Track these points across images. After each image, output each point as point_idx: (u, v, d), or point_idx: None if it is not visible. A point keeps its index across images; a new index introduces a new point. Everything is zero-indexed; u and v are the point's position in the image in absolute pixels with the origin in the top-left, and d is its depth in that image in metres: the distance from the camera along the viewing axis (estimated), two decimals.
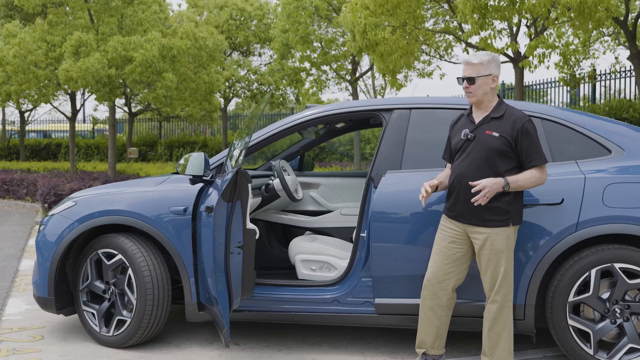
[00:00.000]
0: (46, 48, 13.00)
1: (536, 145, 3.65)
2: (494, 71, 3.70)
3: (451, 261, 3.81)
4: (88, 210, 4.49)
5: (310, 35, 14.79)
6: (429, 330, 3.89)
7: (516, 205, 3.70)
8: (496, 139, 3.66)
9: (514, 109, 3.76)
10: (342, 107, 4.51)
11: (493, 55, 3.73)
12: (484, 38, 9.88)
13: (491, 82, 3.70)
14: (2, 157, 24.68)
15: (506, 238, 3.67)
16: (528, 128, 3.65)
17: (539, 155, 3.65)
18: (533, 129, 3.68)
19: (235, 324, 4.88)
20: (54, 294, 4.51)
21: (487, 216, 3.67)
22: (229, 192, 3.78)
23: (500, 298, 3.72)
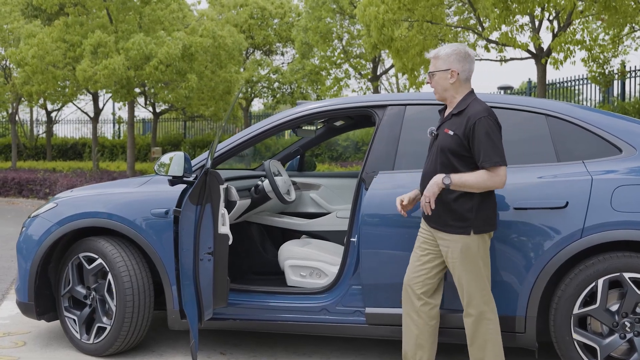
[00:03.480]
0: (65, 48, 12.99)
1: (487, 144, 3.26)
2: (454, 65, 3.40)
3: (420, 263, 3.54)
4: (68, 212, 4.31)
5: (331, 32, 14.53)
6: (409, 339, 3.61)
7: (480, 212, 3.35)
8: (450, 138, 3.36)
9: (478, 104, 3.37)
10: (333, 104, 4.25)
11: (456, 48, 3.44)
12: (504, 33, 9.55)
13: (449, 77, 3.41)
14: (30, 156, 24.93)
15: (466, 247, 3.35)
16: (480, 125, 3.27)
17: (488, 155, 3.25)
18: (489, 126, 3.28)
19: (223, 332, 4.66)
20: (35, 299, 4.34)
21: (448, 220, 3.39)
22: (197, 195, 3.55)
23: (474, 311, 3.41)
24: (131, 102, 13.25)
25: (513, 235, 3.64)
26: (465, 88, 3.46)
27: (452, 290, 3.62)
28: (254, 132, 4.22)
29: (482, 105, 3.36)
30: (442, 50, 3.45)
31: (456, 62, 3.41)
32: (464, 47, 3.47)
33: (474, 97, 3.45)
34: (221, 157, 4.21)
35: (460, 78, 3.42)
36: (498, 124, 3.36)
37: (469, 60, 3.42)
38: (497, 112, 3.93)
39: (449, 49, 3.44)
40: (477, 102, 3.40)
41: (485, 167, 3.27)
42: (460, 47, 3.46)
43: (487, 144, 3.26)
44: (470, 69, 3.45)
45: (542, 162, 3.77)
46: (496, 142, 3.28)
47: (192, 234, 3.55)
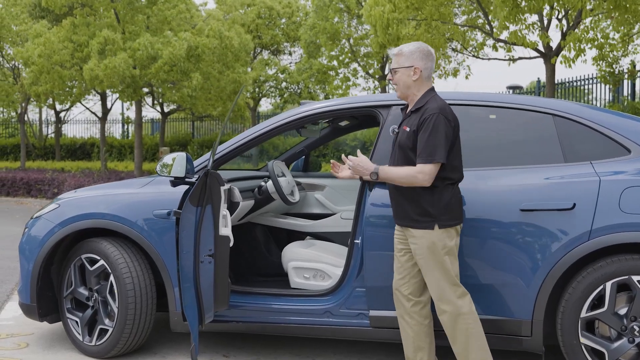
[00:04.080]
0: (72, 48, 13.00)
1: (427, 141, 3.25)
2: (417, 63, 3.42)
3: (400, 264, 3.55)
4: (70, 213, 4.28)
5: (339, 31, 14.46)
6: (407, 343, 3.59)
7: (441, 205, 3.33)
8: (407, 134, 3.38)
9: (435, 102, 3.37)
10: (337, 104, 4.19)
11: (419, 46, 3.47)
12: (513, 32, 9.47)
13: (412, 74, 3.43)
14: (39, 156, 25.01)
15: (431, 242, 3.34)
16: (428, 122, 3.28)
17: (424, 151, 3.25)
18: (440, 123, 3.27)
19: (226, 334, 4.62)
20: (37, 300, 4.31)
21: (413, 216, 3.39)
22: (198, 196, 3.51)
23: (448, 307, 3.37)
24: (138, 102, 13.25)
25: (519, 237, 3.58)
26: (426, 86, 3.47)
27: None
28: (258, 133, 4.17)
29: (437, 103, 3.36)
30: (405, 47, 3.47)
31: (419, 59, 3.43)
32: (425, 45, 3.51)
33: (433, 94, 3.46)
34: (224, 157, 4.17)
35: (423, 75, 3.44)
36: (450, 123, 3.33)
37: (430, 58, 3.46)
38: (503, 112, 3.90)
39: (413, 47, 3.47)
40: (435, 99, 3.41)
41: (418, 161, 3.29)
42: (422, 45, 3.50)
43: (427, 140, 3.26)
44: (431, 68, 3.48)
45: (549, 163, 3.70)
46: (437, 140, 3.25)
47: (192, 235, 3.51)
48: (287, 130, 4.30)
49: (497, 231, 3.62)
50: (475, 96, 4.04)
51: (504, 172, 3.73)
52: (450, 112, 3.38)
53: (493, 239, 3.63)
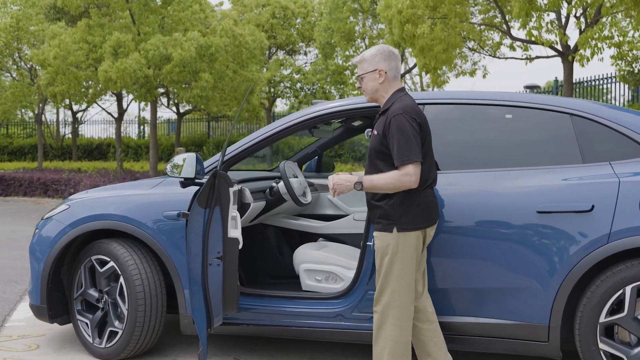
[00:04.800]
0: (87, 49, 13.05)
1: (398, 142, 3.21)
2: (380, 65, 3.40)
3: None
4: (80, 214, 4.25)
5: (354, 31, 14.38)
6: (417, 351, 3.56)
7: (402, 209, 3.27)
8: (375, 137, 3.36)
9: (401, 102, 3.32)
10: (349, 104, 4.12)
11: (379, 48, 3.45)
12: (530, 30, 9.34)
13: (378, 77, 3.41)
14: (56, 156, 25.18)
15: (386, 244, 3.29)
16: (394, 122, 3.24)
17: (399, 154, 3.20)
18: (402, 123, 3.23)
19: (237, 337, 4.57)
20: (47, 301, 4.28)
21: (375, 217, 3.37)
22: (206, 197, 3.46)
23: (379, 309, 3.33)
24: (153, 102, 13.26)
25: (535, 239, 3.49)
26: (393, 86, 3.44)
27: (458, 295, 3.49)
28: (269, 133, 4.11)
29: (402, 103, 3.31)
30: (367, 53, 3.46)
31: (382, 61, 3.40)
32: (388, 46, 3.49)
33: (401, 94, 3.41)
34: (235, 158, 4.11)
35: (389, 77, 3.41)
36: (415, 121, 3.27)
37: (394, 58, 3.42)
38: (519, 111, 3.80)
39: (374, 50, 3.45)
40: (402, 99, 3.36)
41: (396, 165, 3.22)
42: (384, 46, 3.47)
43: (398, 142, 3.21)
44: (396, 67, 3.44)
45: (567, 164, 3.61)
46: (407, 140, 3.20)
47: (200, 238, 3.45)
48: (299, 131, 4.23)
49: (512, 233, 3.53)
50: (490, 95, 3.95)
51: (520, 173, 3.64)
52: (415, 110, 3.32)
53: (509, 242, 3.54)
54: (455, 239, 3.63)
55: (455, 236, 3.63)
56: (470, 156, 3.85)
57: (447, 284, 3.66)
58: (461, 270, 3.63)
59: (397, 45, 10.35)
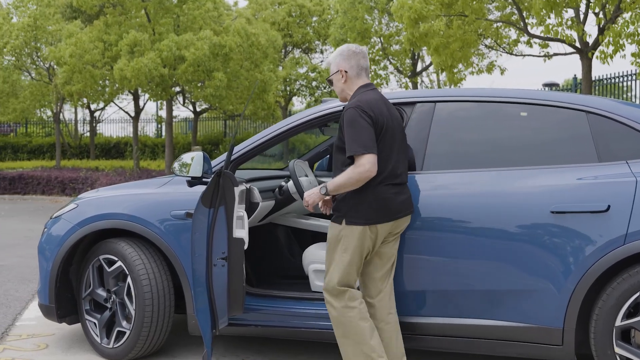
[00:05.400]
0: (103, 47, 13.09)
1: (349, 135, 3.23)
2: (341, 65, 3.48)
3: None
4: (88, 213, 4.22)
5: (369, 29, 14.28)
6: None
7: (350, 204, 3.31)
8: (337, 133, 3.41)
9: (360, 97, 3.36)
10: None
11: (340, 49, 3.52)
12: (547, 26, 9.20)
13: (341, 78, 3.49)
14: (74, 155, 25.36)
15: (335, 234, 3.35)
16: (345, 117, 3.29)
17: (349, 146, 3.22)
18: (351, 116, 3.26)
19: (247, 338, 4.52)
20: (55, 301, 4.26)
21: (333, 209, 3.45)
22: (210, 197, 3.40)
23: (330, 298, 3.39)
24: (169, 101, 13.28)
25: (549, 240, 3.40)
26: (356, 84, 3.48)
27: (470, 297, 3.40)
28: (277, 131, 4.05)
29: (360, 98, 3.35)
30: (330, 56, 3.54)
31: (342, 61, 3.47)
32: (349, 45, 3.55)
33: (363, 90, 3.43)
34: (243, 156, 4.06)
35: (350, 75, 3.47)
36: (366, 114, 3.27)
37: (353, 56, 3.47)
38: (533, 109, 3.71)
39: (335, 52, 3.53)
40: (362, 95, 3.38)
41: (348, 157, 3.25)
42: (345, 46, 3.54)
43: (349, 135, 3.24)
44: (358, 64, 3.47)
45: (582, 163, 3.51)
46: (357, 132, 3.22)
47: (204, 238, 3.40)
48: (309, 129, 4.17)
49: (526, 234, 3.44)
50: (502, 92, 3.86)
51: (534, 172, 3.54)
52: (369, 105, 3.31)
53: (522, 243, 3.45)
54: (467, 239, 3.54)
55: (468, 236, 3.54)
56: (483, 155, 3.76)
57: (459, 286, 3.58)
58: (473, 271, 3.54)
59: (412, 44, 10.24)
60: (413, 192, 3.61)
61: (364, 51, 3.52)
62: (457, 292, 3.58)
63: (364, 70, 3.49)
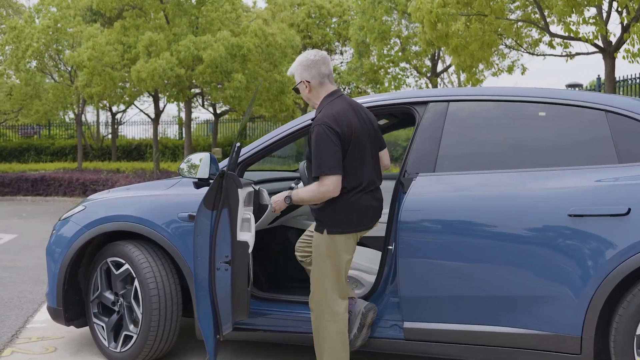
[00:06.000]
0: (122, 50, 13.14)
1: (315, 155, 3.25)
2: (303, 76, 3.46)
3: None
4: (96, 215, 4.17)
5: (389, 30, 14.14)
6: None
7: (326, 214, 3.34)
8: (306, 147, 3.42)
9: (326, 110, 3.33)
10: (370, 101, 3.94)
11: (299, 59, 3.47)
12: (567, 24, 9.01)
13: (305, 88, 3.47)
14: (96, 157, 25.53)
15: (317, 243, 3.40)
16: (312, 135, 3.28)
17: (315, 166, 3.25)
18: (318, 134, 3.25)
19: (255, 343, 4.43)
20: (63, 304, 4.21)
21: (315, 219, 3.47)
22: (213, 199, 3.31)
23: (314, 306, 3.43)
24: (188, 103, 13.29)
25: (567, 245, 3.26)
26: (322, 93, 3.45)
27: (484, 303, 3.28)
28: (286, 132, 3.96)
29: (325, 112, 3.30)
30: (292, 65, 3.49)
31: (303, 71, 3.44)
32: (308, 53, 3.48)
33: (329, 100, 3.40)
34: (252, 158, 3.98)
35: (313, 85, 3.44)
36: (332, 130, 3.24)
37: (314, 65, 3.42)
38: (550, 108, 3.58)
39: (295, 63, 3.47)
40: (327, 107, 3.35)
41: (314, 176, 3.28)
42: (303, 55, 3.47)
43: (315, 154, 3.25)
44: (319, 73, 3.43)
45: (601, 164, 3.37)
46: (323, 152, 3.22)
47: (207, 241, 3.31)
48: None
49: (542, 238, 3.30)
50: (518, 91, 3.73)
51: (550, 174, 3.41)
52: (335, 119, 3.27)
53: (538, 247, 3.31)
54: (481, 243, 3.42)
55: (482, 240, 3.42)
56: (497, 156, 3.64)
57: (473, 291, 3.45)
58: (487, 276, 3.41)
59: (430, 45, 10.10)
60: (422, 193, 3.51)
61: (324, 57, 3.46)
62: (470, 297, 3.45)
63: (326, 77, 3.45)
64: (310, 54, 3.46)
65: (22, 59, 18.82)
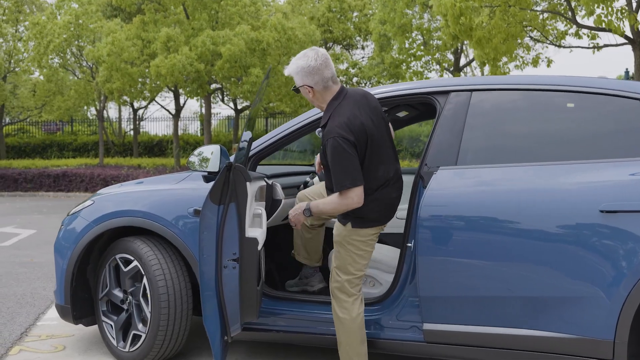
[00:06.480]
0: (141, 45, 13.07)
1: (336, 169, 3.13)
2: (305, 81, 3.26)
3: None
4: (104, 210, 4.03)
5: (410, 23, 13.90)
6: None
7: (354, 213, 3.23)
8: (321, 152, 3.29)
9: (333, 119, 3.17)
10: (387, 91, 3.75)
11: (298, 65, 3.25)
12: (599, 16, 8.72)
13: (308, 93, 3.30)
14: (118, 153, 25.62)
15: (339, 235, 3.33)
16: (329, 148, 3.14)
17: (337, 181, 3.14)
18: (336, 148, 3.11)
19: (268, 344, 4.27)
20: (71, 301, 4.08)
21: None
22: (219, 193, 3.14)
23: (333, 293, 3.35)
24: (207, 98, 13.19)
25: (598, 242, 3.05)
26: (328, 95, 3.29)
27: (509, 304, 3.08)
28: (299, 125, 3.79)
29: (336, 121, 3.16)
30: (290, 68, 3.29)
31: (305, 77, 3.26)
32: (307, 57, 3.25)
33: (336, 104, 3.25)
34: (263, 151, 3.82)
35: (317, 89, 3.28)
36: (347, 141, 3.11)
37: (317, 72, 3.23)
38: (579, 97, 3.36)
39: (294, 65, 3.27)
40: (337, 114, 3.20)
41: (335, 192, 3.18)
42: (303, 60, 3.25)
43: (335, 169, 3.14)
44: (323, 77, 3.25)
45: (636, 156, 3.14)
46: (341, 165, 3.12)
47: (213, 237, 3.14)
48: None
49: (571, 235, 3.09)
50: (547, 80, 3.51)
51: (581, 167, 3.19)
52: (349, 125, 3.14)
53: (567, 245, 3.10)
54: (506, 241, 3.21)
55: (507, 237, 3.21)
56: (524, 148, 3.44)
57: (497, 292, 3.25)
58: (513, 276, 3.21)
59: (454, 38, 9.85)
60: (443, 187, 3.32)
61: (325, 60, 3.25)
62: (494, 298, 3.25)
63: (330, 80, 3.29)
64: (311, 57, 3.24)
65: (44, 55, 18.88)
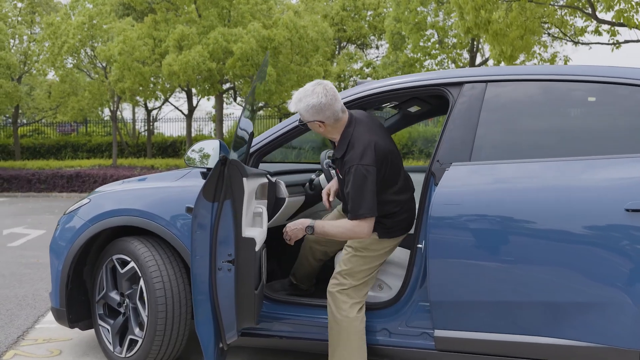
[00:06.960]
0: (153, 44, 12.96)
1: (354, 195, 3.09)
2: (316, 117, 3.17)
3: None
4: (100, 209, 3.85)
5: (424, 21, 13.66)
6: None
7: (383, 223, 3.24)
8: (341, 180, 3.26)
9: (354, 148, 3.12)
10: (397, 82, 3.54)
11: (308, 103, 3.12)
12: (619, 10, 8.44)
13: (319, 127, 3.23)
14: (132, 154, 25.58)
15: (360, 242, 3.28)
16: (351, 174, 3.10)
17: (353, 207, 3.10)
18: (358, 176, 3.08)
19: (270, 350, 4.07)
20: (66, 304, 3.91)
21: None
22: (213, 189, 2.94)
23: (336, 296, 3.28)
24: (219, 98, 13.04)
25: (623, 244, 2.82)
26: (339, 126, 3.24)
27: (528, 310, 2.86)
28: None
29: (358, 149, 3.12)
30: (299, 106, 3.17)
31: (315, 114, 3.16)
32: (316, 92, 3.14)
33: (351, 129, 3.20)
34: (266, 148, 3.63)
35: (328, 123, 3.21)
36: (373, 169, 3.10)
37: (326, 106, 3.13)
38: (603, 88, 3.13)
39: (300, 103, 3.16)
40: (355, 142, 3.15)
41: (349, 218, 3.14)
42: (311, 97, 3.13)
43: (352, 196, 3.10)
44: (334, 111, 3.17)
45: None
46: (361, 194, 3.09)
47: (207, 237, 2.94)
48: None
49: (594, 236, 2.87)
50: (568, 70, 3.29)
51: (605, 163, 2.97)
52: (372, 151, 3.11)
53: (590, 246, 2.88)
54: (523, 242, 2.99)
55: (524, 238, 2.99)
56: (542, 143, 3.21)
57: (514, 296, 3.02)
58: (531, 279, 2.98)
59: (469, 32, 9.60)
60: (456, 184, 3.11)
61: (333, 94, 3.15)
62: (511, 303, 3.03)
63: (340, 111, 3.20)
64: (320, 94, 3.12)
65: (58, 55, 18.85)
